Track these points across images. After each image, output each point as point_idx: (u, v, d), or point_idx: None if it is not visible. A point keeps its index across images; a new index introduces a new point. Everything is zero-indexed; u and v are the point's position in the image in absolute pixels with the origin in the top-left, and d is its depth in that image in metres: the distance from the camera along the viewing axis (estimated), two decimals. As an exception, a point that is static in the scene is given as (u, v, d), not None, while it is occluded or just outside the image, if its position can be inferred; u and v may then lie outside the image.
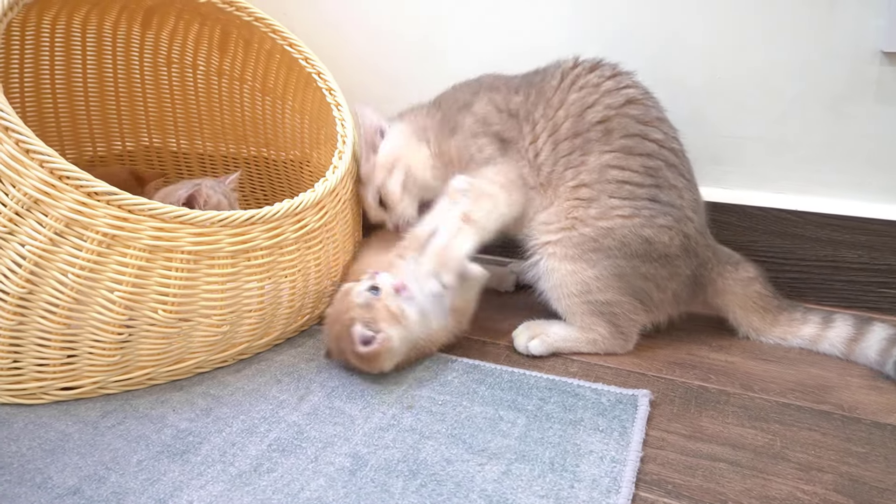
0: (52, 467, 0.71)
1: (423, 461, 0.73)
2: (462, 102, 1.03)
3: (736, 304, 1.00)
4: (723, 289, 0.99)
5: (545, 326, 0.97)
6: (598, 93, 0.94)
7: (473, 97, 1.03)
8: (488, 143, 0.99)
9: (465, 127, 1.01)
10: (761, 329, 1.01)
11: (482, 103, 1.01)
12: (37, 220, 0.75)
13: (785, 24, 1.06)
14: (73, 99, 1.32)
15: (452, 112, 1.03)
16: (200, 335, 0.87)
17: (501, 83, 1.04)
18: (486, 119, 1.00)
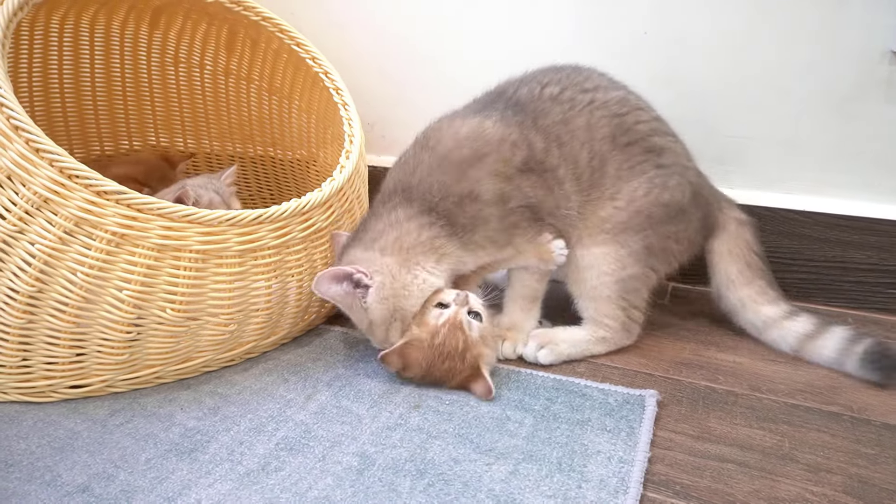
0: (62, 465, 0.71)
1: (431, 461, 0.73)
2: (458, 194, 0.87)
3: (726, 245, 1.00)
4: (721, 224, 1.01)
5: (553, 335, 0.97)
6: (595, 109, 0.94)
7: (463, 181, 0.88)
8: (522, 218, 0.90)
9: (486, 219, 0.88)
10: (735, 283, 0.99)
11: (487, 185, 0.88)
12: (46, 218, 0.76)
13: (793, 23, 1.06)
14: (82, 98, 1.32)
15: (453, 210, 0.87)
16: (208, 334, 0.87)
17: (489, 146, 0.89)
18: (503, 197, 0.89)
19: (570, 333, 0.97)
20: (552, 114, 0.93)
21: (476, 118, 0.92)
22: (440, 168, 0.89)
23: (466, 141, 0.90)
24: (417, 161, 0.91)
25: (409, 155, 0.94)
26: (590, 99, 0.94)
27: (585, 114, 0.93)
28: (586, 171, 0.93)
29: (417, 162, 0.91)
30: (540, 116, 0.93)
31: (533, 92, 0.95)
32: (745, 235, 1.01)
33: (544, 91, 0.94)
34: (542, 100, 0.94)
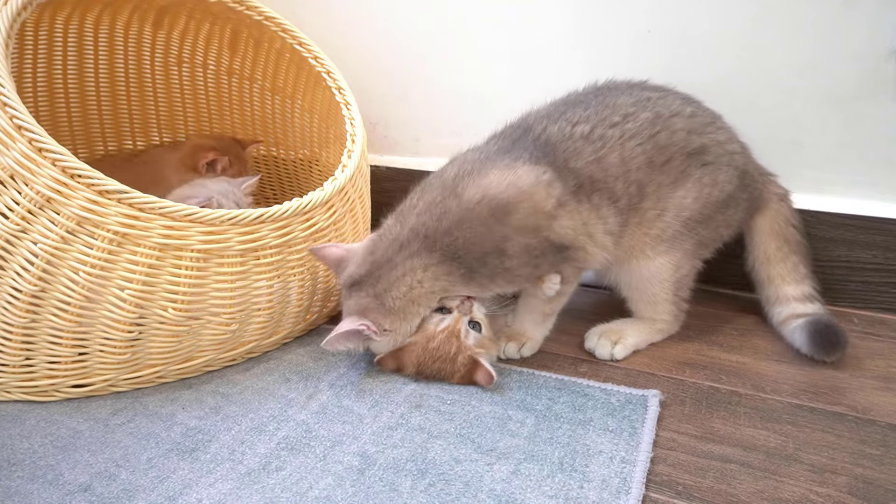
0: (64, 464, 0.71)
1: (432, 460, 0.72)
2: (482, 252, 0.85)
3: (767, 222, 1.02)
4: (765, 200, 1.02)
5: (618, 330, 0.98)
6: (625, 142, 0.90)
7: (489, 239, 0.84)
8: (543, 259, 0.88)
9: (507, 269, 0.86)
10: (771, 259, 1.01)
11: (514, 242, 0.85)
12: (49, 218, 0.76)
13: (798, 22, 1.05)
14: (86, 98, 1.33)
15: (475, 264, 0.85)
16: (209, 333, 0.87)
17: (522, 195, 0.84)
18: (528, 249, 0.86)
19: (633, 326, 0.99)
20: (585, 153, 0.89)
21: (505, 161, 0.88)
22: (467, 223, 0.84)
23: (497, 193, 0.85)
24: (444, 209, 0.86)
25: (434, 198, 0.87)
26: (619, 133, 0.90)
27: (617, 149, 0.90)
28: (623, 199, 0.91)
29: (444, 210, 0.86)
30: (571, 158, 0.89)
31: (563, 132, 0.90)
32: (784, 210, 1.02)
33: (575, 130, 0.90)
34: (573, 139, 0.90)
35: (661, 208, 0.93)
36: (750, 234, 1.04)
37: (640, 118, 0.92)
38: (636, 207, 0.92)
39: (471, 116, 1.34)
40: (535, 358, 0.96)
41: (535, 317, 0.97)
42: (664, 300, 0.97)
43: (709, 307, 1.12)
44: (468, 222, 0.84)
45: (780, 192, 1.03)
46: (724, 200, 0.95)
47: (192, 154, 1.29)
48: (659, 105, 0.94)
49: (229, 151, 1.33)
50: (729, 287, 1.16)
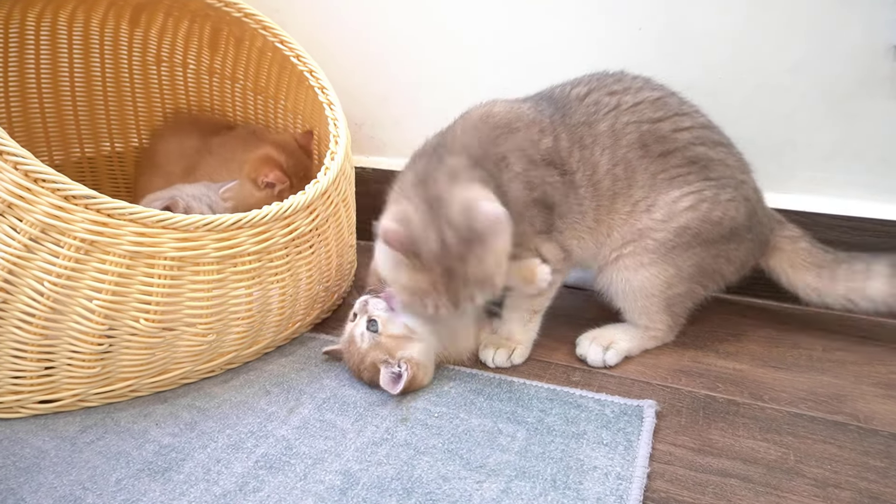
0: (26, 487, 0.67)
1: (418, 479, 0.69)
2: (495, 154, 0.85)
3: (786, 262, 0.97)
4: (774, 246, 0.97)
5: (610, 335, 0.95)
6: (622, 113, 0.89)
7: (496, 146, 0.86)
8: (541, 210, 0.87)
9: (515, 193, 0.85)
10: (820, 289, 0.95)
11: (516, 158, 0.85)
12: (10, 225, 0.71)
13: (791, 18, 1.03)
14: (60, 99, 1.28)
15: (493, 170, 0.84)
16: (185, 345, 0.83)
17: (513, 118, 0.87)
18: (529, 181, 0.85)
19: (625, 331, 0.95)
20: (577, 114, 0.89)
21: (510, 100, 0.91)
22: (475, 129, 0.86)
23: (502, 112, 0.88)
24: (452, 127, 0.88)
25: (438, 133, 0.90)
26: (616, 103, 0.89)
27: (610, 118, 0.88)
28: (606, 179, 0.88)
29: (452, 128, 0.88)
30: (567, 114, 0.89)
31: (564, 91, 0.92)
32: (801, 247, 0.97)
33: (572, 91, 0.91)
34: (569, 98, 0.90)
35: (653, 202, 0.89)
36: (780, 279, 0.99)
37: (642, 95, 0.90)
38: (624, 194, 0.89)
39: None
40: (526, 366, 0.93)
41: (523, 315, 0.93)
42: (657, 311, 0.93)
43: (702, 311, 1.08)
44: (476, 130, 0.86)
45: (792, 235, 0.98)
46: (726, 226, 0.89)
47: (259, 165, 1.18)
48: (673, 97, 0.92)
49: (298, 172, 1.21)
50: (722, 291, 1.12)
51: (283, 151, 1.20)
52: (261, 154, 1.19)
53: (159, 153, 1.32)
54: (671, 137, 0.89)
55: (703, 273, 0.92)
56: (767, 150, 1.10)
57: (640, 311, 0.94)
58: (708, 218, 0.88)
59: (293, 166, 1.20)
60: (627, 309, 0.95)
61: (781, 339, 1.00)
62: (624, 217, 0.90)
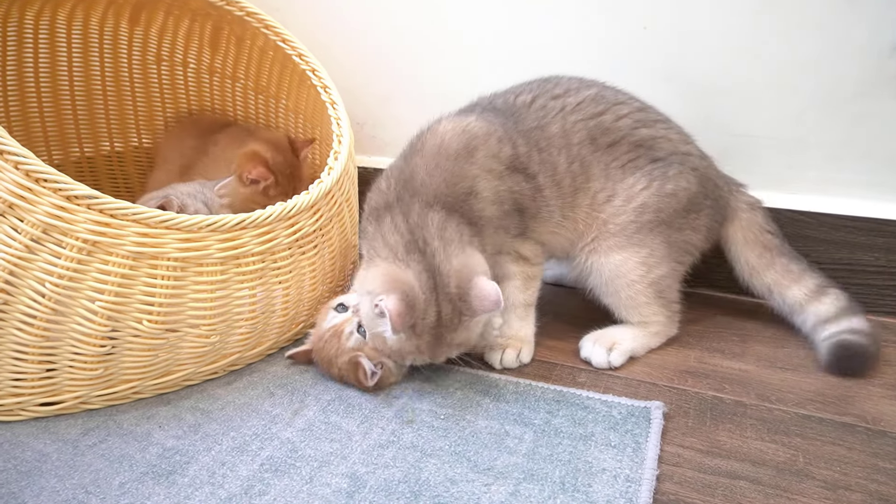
0: (27, 491, 0.66)
1: (426, 481, 0.68)
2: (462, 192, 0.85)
3: (739, 231, 1.00)
4: (734, 209, 0.99)
5: (613, 336, 0.94)
6: (568, 114, 0.92)
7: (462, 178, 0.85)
8: (514, 218, 0.89)
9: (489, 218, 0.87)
10: (755, 268, 0.99)
11: (483, 182, 0.86)
12: (11, 225, 0.70)
13: (798, 17, 1.02)
14: (59, 98, 1.27)
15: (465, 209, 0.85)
16: (188, 346, 0.82)
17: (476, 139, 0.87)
18: (498, 197, 0.87)
19: (627, 331, 0.95)
20: (528, 119, 0.91)
21: (455, 117, 0.92)
22: (437, 167, 0.85)
23: (453, 136, 0.88)
24: (412, 167, 0.87)
25: (396, 167, 0.91)
26: (561, 105, 0.92)
27: (559, 120, 0.91)
28: (566, 178, 0.91)
29: (413, 167, 0.87)
30: (519, 121, 0.91)
31: (507, 100, 0.94)
32: (756, 219, 1.00)
33: (518, 100, 0.94)
34: (516, 105, 0.93)
35: (611, 191, 0.91)
36: (727, 247, 1.02)
37: (582, 94, 0.93)
38: (583, 188, 0.91)
39: (461, 116, 1.29)
40: (531, 367, 0.92)
41: (519, 311, 0.93)
42: (646, 303, 0.93)
43: (706, 311, 1.09)
44: (439, 168, 0.85)
45: (750, 201, 1.01)
46: (682, 197, 0.92)
47: (244, 161, 1.17)
48: (607, 90, 0.95)
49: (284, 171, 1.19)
50: (726, 290, 1.12)
51: (271, 148, 1.19)
52: (247, 150, 1.18)
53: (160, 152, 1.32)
54: (614, 127, 0.92)
55: (676, 248, 0.94)
56: (774, 150, 1.10)
57: (627, 305, 0.94)
58: (661, 191, 0.91)
59: (281, 163, 1.19)
60: (615, 304, 0.95)
61: (787, 340, 1.00)
62: (587, 210, 0.93)
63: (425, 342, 0.80)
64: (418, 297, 0.77)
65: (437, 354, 0.82)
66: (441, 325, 0.79)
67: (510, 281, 0.93)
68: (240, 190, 1.16)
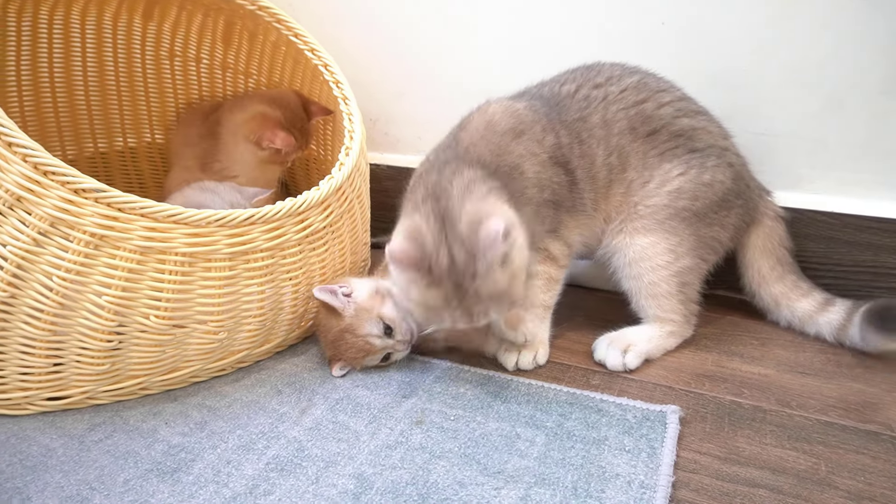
0: (32, 486, 0.66)
1: (434, 484, 0.66)
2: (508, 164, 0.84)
3: (760, 239, 0.99)
4: (760, 214, 0.98)
5: (627, 337, 0.92)
6: (610, 103, 0.91)
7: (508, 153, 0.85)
8: (550, 209, 0.88)
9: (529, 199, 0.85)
10: (766, 278, 0.99)
11: (528, 164, 0.85)
12: (19, 218, 0.70)
13: (821, 15, 0.99)
14: (73, 94, 1.27)
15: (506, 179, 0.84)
16: (196, 342, 0.81)
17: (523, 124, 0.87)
18: (540, 182, 0.86)
19: (642, 332, 0.93)
20: (571, 110, 0.90)
21: (506, 101, 0.91)
22: (483, 139, 0.85)
23: (503, 116, 0.87)
24: (458, 139, 0.86)
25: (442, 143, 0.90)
26: (603, 94, 0.91)
27: (600, 110, 0.90)
28: (602, 170, 0.90)
29: (458, 139, 0.86)
30: (563, 112, 0.90)
31: (553, 90, 0.94)
32: (779, 230, 0.99)
33: (562, 89, 0.93)
34: (561, 96, 0.92)
35: (647, 177, 0.90)
36: (742, 251, 1.00)
37: (624, 82, 0.92)
38: (619, 179, 0.90)
39: (475, 113, 1.28)
40: (544, 368, 0.90)
41: (538, 311, 0.91)
42: (667, 293, 0.91)
43: (724, 313, 1.06)
44: (486, 138, 0.85)
45: (777, 210, 1.00)
46: (717, 189, 0.91)
47: (258, 124, 1.15)
48: (650, 77, 0.94)
49: (295, 125, 1.19)
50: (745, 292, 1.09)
51: (278, 106, 1.18)
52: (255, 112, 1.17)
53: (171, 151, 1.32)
54: (655, 115, 0.91)
55: (704, 242, 0.92)
56: (795, 149, 1.07)
57: (648, 292, 0.92)
58: (698, 180, 0.89)
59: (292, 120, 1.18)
60: (636, 289, 0.93)
61: (807, 344, 0.97)
62: (620, 198, 0.92)
63: (450, 291, 0.73)
64: (425, 235, 0.73)
65: (470, 310, 0.74)
66: (457, 270, 0.72)
67: (534, 280, 0.91)
68: (257, 154, 1.16)
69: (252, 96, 1.26)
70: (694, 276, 0.93)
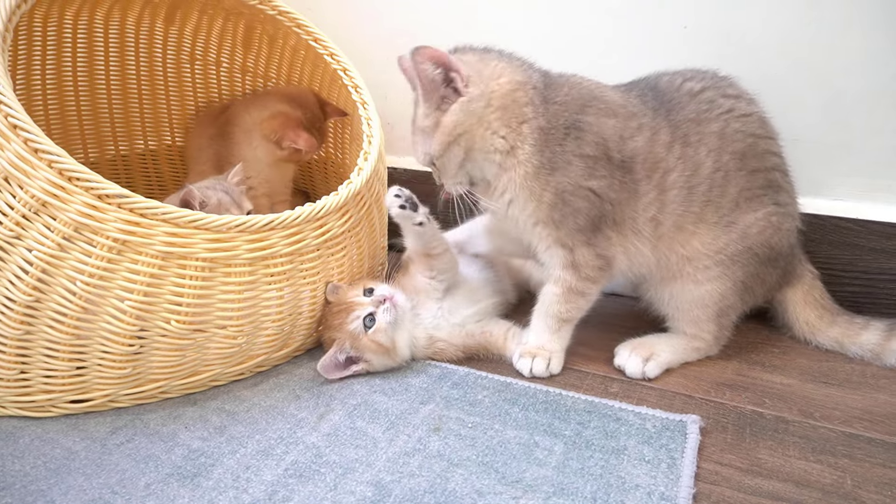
0: (56, 489, 0.66)
1: (452, 492, 0.66)
2: (572, 121, 0.82)
3: (799, 295, 0.97)
4: (798, 276, 0.96)
5: (651, 345, 0.91)
6: (735, 119, 0.86)
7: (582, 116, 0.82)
8: (585, 211, 0.83)
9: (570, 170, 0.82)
10: (817, 327, 0.96)
11: (593, 142, 0.82)
12: (45, 223, 0.71)
13: (845, 14, 0.97)
14: (96, 96, 1.29)
15: (558, 132, 0.82)
16: (215, 347, 0.82)
17: (616, 104, 0.85)
18: (592, 169, 0.82)
19: (668, 342, 0.92)
20: (686, 109, 0.86)
21: (619, 90, 0.89)
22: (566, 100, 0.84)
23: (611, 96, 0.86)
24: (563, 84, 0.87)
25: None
26: (730, 106, 0.87)
27: (721, 121, 0.86)
28: (704, 183, 0.85)
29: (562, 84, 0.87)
30: (674, 109, 0.86)
31: (673, 82, 0.89)
32: (818, 286, 0.98)
33: (684, 85, 0.88)
34: (679, 92, 0.88)
35: (734, 219, 0.86)
36: (783, 308, 0.99)
37: (752, 109, 0.89)
38: (716, 203, 0.86)
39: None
40: (561, 376, 0.90)
41: (551, 322, 0.89)
42: (706, 319, 0.90)
43: (747, 322, 1.04)
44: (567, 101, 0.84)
45: (813, 272, 0.99)
46: (775, 251, 0.89)
47: (279, 124, 1.16)
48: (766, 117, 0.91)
49: (314, 124, 1.20)
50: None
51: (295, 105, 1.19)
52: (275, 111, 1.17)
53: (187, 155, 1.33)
54: (763, 157, 0.88)
55: (747, 289, 0.91)
56: (818, 155, 1.05)
57: (690, 320, 0.91)
58: (769, 242, 0.88)
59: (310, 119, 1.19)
60: (677, 318, 0.92)
61: (831, 354, 0.95)
62: (710, 227, 0.86)
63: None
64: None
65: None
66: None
67: (550, 286, 0.88)
68: (275, 153, 1.16)
69: (268, 94, 1.27)
70: (734, 312, 0.92)
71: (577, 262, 0.85)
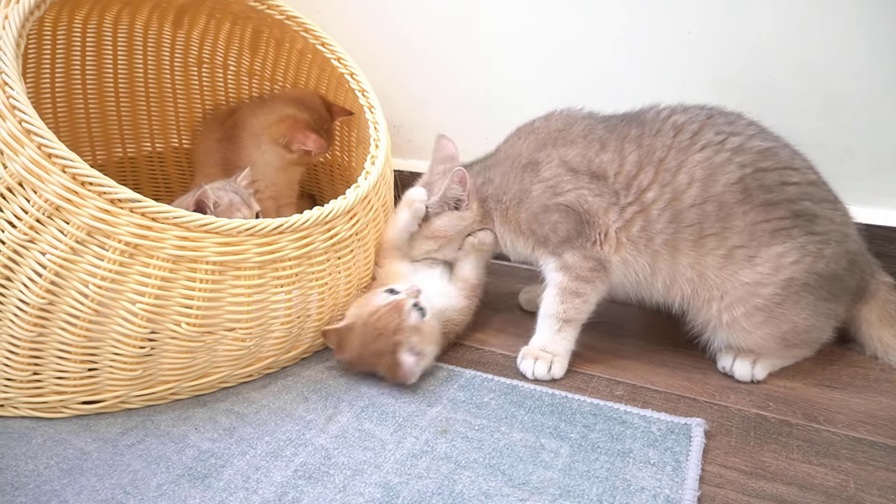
0: (69, 489, 0.67)
1: (460, 494, 0.67)
2: (525, 160, 0.93)
3: (875, 312, 0.94)
4: (871, 291, 0.94)
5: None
6: (725, 151, 0.85)
7: (539, 153, 0.92)
8: (562, 220, 0.89)
9: (532, 197, 0.91)
10: (892, 346, 0.94)
11: (551, 166, 0.90)
12: (58, 227, 0.72)
13: (850, 18, 0.98)
14: (104, 99, 1.30)
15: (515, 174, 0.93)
16: (225, 349, 0.83)
17: (577, 135, 0.91)
18: (556, 186, 0.89)
19: None
20: (664, 136, 0.87)
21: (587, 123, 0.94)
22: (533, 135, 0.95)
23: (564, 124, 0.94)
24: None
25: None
26: (721, 139, 0.86)
27: (708, 151, 0.85)
28: (691, 212, 0.85)
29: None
30: (648, 135, 0.88)
31: (659, 114, 0.90)
32: (893, 300, 0.94)
33: (671, 117, 0.89)
34: (662, 122, 0.89)
35: (753, 253, 0.84)
36: (857, 325, 0.96)
37: (753, 143, 0.86)
38: (717, 235, 0.84)
39: (499, 120, 1.28)
40: (567, 379, 0.91)
41: (551, 323, 0.90)
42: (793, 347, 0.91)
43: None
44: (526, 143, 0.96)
45: (889, 282, 0.95)
46: (828, 277, 0.86)
47: (288, 127, 1.17)
48: (786, 150, 0.88)
49: (322, 126, 1.21)
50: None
51: (303, 108, 1.20)
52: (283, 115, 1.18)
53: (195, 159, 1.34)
54: (778, 189, 0.85)
55: (821, 311, 0.87)
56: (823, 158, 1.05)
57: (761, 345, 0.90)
58: (812, 269, 0.84)
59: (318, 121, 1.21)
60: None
61: (835, 357, 0.96)
62: (720, 260, 0.85)
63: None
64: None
65: None
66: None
67: (548, 288, 0.92)
68: (285, 156, 1.18)
69: (275, 98, 1.28)
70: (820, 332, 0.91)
71: (567, 265, 0.90)
